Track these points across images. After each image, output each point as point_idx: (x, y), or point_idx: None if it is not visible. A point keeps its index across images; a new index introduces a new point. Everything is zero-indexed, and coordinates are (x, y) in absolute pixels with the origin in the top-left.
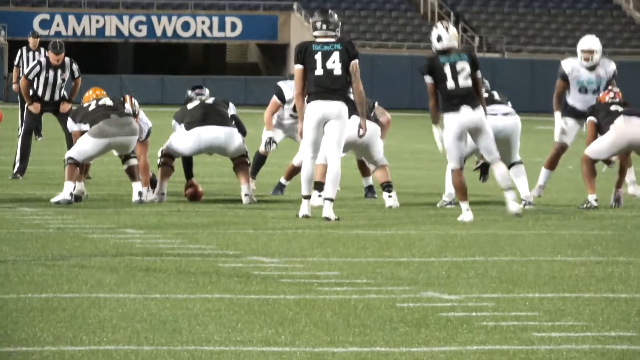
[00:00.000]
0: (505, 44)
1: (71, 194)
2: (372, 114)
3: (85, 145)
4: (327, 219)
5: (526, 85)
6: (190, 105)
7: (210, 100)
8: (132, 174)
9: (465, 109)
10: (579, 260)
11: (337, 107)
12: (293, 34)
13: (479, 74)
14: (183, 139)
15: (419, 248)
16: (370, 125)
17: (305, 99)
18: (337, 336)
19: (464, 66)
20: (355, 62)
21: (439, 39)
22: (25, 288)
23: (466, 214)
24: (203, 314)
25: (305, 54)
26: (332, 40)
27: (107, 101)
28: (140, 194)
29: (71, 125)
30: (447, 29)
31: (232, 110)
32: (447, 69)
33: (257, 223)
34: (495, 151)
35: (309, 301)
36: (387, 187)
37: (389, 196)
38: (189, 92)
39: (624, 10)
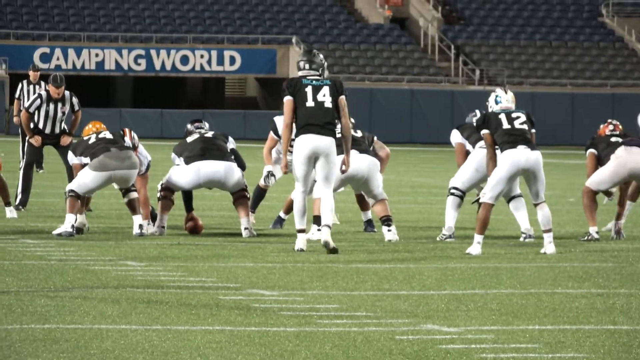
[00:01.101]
0: (507, 76)
1: (73, 226)
2: (371, 148)
3: (86, 178)
4: (327, 242)
5: None
6: (189, 139)
7: (209, 134)
8: (132, 207)
9: (523, 147)
10: (579, 293)
11: (327, 143)
12: (292, 67)
13: (533, 130)
14: (182, 173)
15: (419, 281)
16: (370, 159)
17: (294, 133)
18: None
19: (519, 115)
20: (343, 98)
21: (497, 101)
22: (28, 319)
23: (476, 247)
24: (204, 346)
25: (295, 87)
26: (319, 78)
27: (107, 134)
28: (140, 226)
29: (72, 158)
30: (505, 91)
31: (231, 144)
32: (503, 116)
33: (256, 256)
34: (543, 196)
35: (309, 334)
36: (386, 221)
37: (389, 230)
38: (189, 126)
39: (626, 43)
